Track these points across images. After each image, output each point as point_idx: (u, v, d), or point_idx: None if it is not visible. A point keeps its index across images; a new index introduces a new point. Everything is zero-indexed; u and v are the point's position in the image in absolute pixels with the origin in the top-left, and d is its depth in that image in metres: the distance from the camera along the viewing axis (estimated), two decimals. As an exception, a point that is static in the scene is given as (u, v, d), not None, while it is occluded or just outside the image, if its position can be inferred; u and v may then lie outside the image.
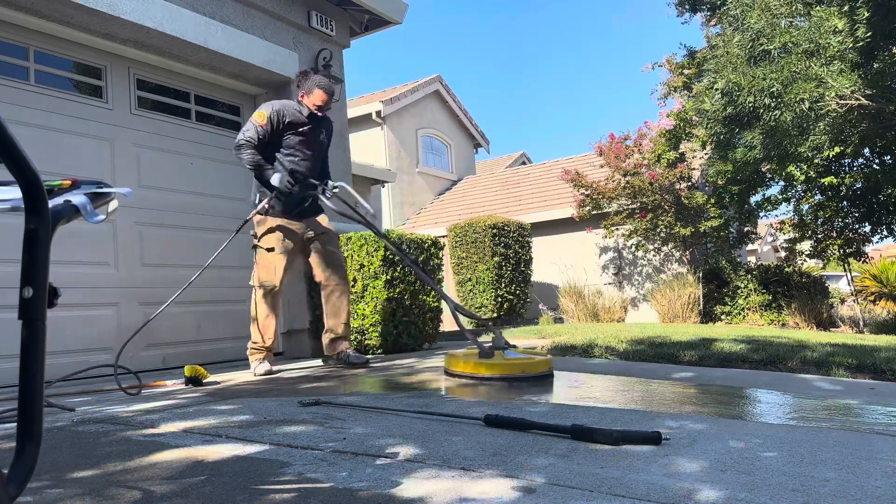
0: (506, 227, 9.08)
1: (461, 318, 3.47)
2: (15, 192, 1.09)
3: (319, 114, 3.94)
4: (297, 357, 5.08)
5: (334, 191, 3.98)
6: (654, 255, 11.30)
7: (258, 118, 3.81)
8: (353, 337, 4.90)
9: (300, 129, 3.91)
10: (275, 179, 3.74)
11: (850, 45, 5.93)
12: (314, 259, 4.05)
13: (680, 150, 10.28)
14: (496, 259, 8.89)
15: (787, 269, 10.35)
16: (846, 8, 5.90)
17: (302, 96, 3.94)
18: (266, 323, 3.91)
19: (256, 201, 3.93)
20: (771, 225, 18.04)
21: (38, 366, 0.87)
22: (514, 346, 3.41)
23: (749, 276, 9.98)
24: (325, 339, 4.11)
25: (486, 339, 3.54)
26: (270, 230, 3.88)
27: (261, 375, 3.81)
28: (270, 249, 3.87)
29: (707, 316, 9.82)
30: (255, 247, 3.95)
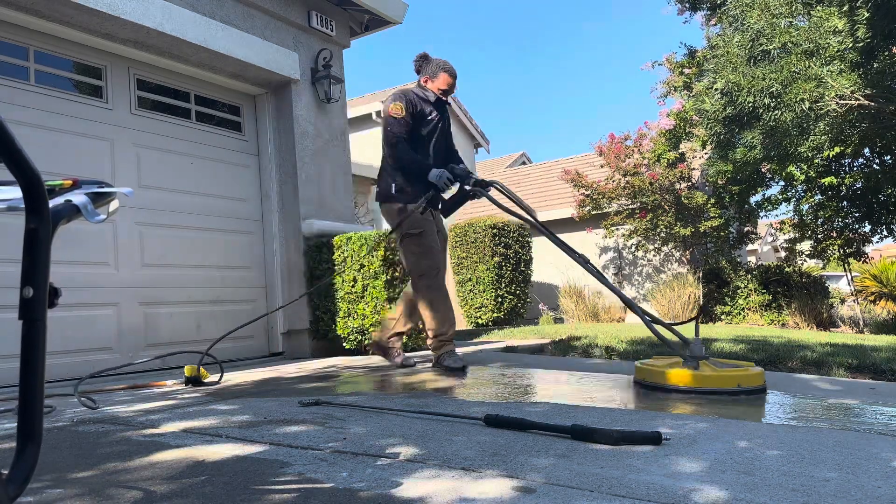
0: (506, 227, 9.08)
1: (655, 326, 3.13)
2: (15, 192, 1.09)
3: (444, 98, 3.77)
4: (297, 357, 5.08)
5: (495, 186, 3.77)
6: (654, 255, 11.30)
7: (397, 110, 3.59)
8: (352, 337, 4.90)
9: (429, 118, 3.71)
10: (433, 175, 3.56)
11: (850, 45, 5.93)
12: None
13: (680, 150, 10.28)
14: (496, 259, 8.88)
15: (787, 269, 10.36)
16: (846, 8, 5.90)
17: (425, 81, 3.74)
18: (446, 306, 3.64)
19: (393, 190, 3.68)
20: (771, 225, 18.05)
21: (38, 366, 0.87)
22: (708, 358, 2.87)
23: (749, 276, 9.99)
24: (394, 338, 3.94)
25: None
26: (415, 216, 3.64)
27: (460, 369, 3.57)
28: (421, 232, 3.63)
29: (707, 316, 9.83)
30: (402, 238, 3.69)
